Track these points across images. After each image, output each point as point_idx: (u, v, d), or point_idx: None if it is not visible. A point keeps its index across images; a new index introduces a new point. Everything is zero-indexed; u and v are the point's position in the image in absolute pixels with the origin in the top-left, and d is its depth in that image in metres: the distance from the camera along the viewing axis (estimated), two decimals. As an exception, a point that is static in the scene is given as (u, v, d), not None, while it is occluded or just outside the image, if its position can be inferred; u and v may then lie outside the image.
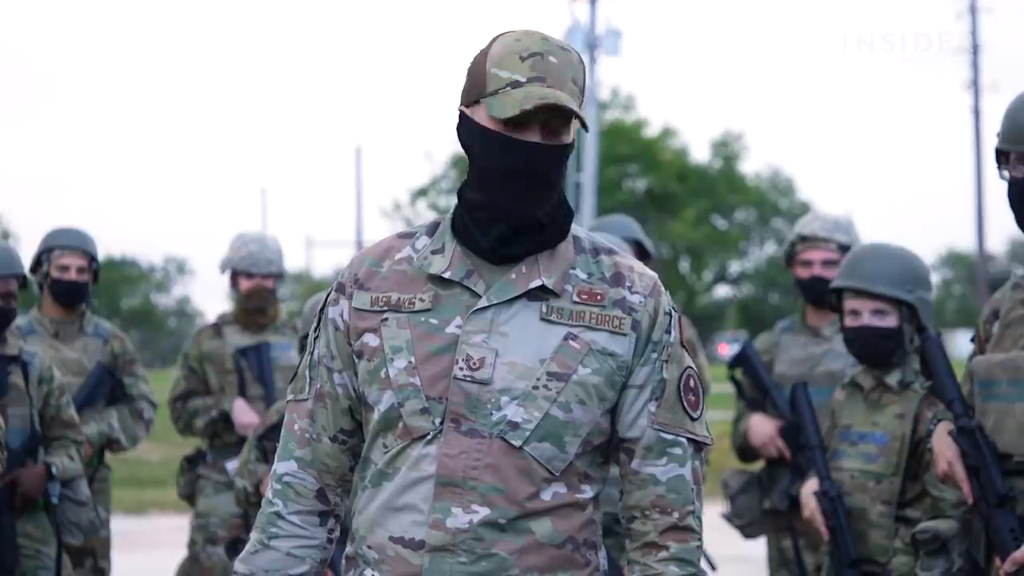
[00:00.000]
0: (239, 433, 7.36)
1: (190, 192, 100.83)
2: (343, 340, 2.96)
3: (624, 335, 2.91)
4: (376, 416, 2.91)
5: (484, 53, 2.92)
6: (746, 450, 6.44)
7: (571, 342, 2.88)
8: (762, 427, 6.31)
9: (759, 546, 6.76)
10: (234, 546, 5.98)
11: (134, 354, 7.36)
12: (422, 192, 50.30)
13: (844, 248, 6.24)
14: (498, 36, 2.94)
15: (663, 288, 2.98)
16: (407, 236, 3.01)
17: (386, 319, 2.92)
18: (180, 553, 7.95)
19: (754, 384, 6.42)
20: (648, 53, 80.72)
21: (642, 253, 6.81)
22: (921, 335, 4.89)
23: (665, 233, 46.03)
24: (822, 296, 6.27)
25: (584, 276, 2.93)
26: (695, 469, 2.95)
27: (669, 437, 2.92)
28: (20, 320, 6.81)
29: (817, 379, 6.18)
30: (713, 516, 7.54)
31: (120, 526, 8.43)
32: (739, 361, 6.46)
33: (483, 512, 2.85)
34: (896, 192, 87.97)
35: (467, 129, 2.93)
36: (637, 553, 2.93)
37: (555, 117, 2.88)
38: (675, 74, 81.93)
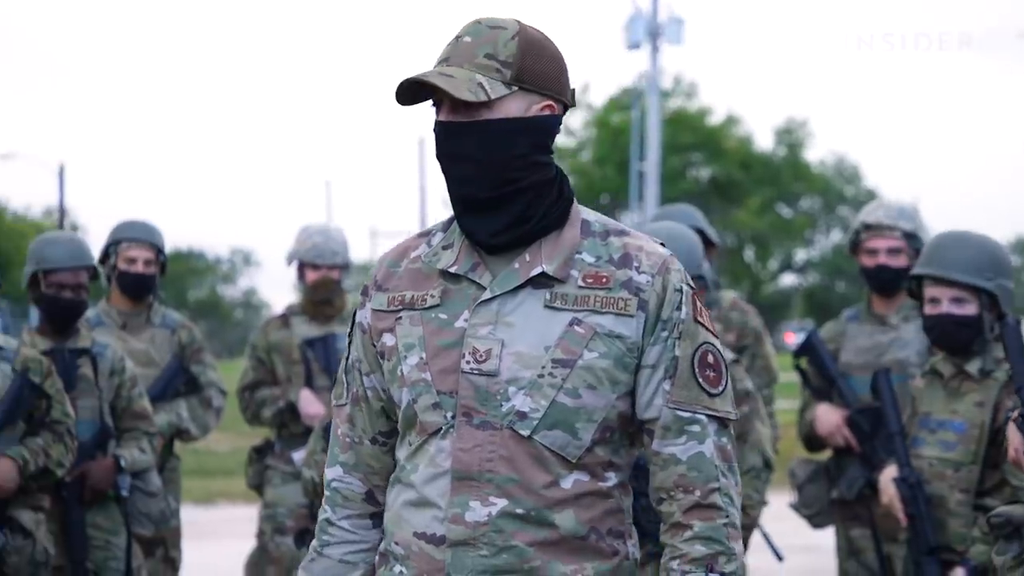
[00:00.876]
0: (305, 424, 7.40)
1: (256, 185, 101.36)
2: (368, 342, 3.00)
3: (631, 316, 2.87)
4: (400, 414, 2.95)
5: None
6: (813, 439, 6.42)
7: (576, 327, 2.86)
8: (828, 416, 6.29)
9: (829, 535, 6.75)
10: (302, 536, 6.02)
11: (202, 342, 7.42)
12: (485, 182, 50.28)
13: (909, 236, 6.21)
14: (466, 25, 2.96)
15: (675, 265, 2.93)
16: (424, 234, 3.02)
17: (400, 318, 2.94)
18: (249, 543, 8.00)
19: (820, 373, 6.40)
20: (711, 40, 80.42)
21: (705, 242, 6.80)
22: (1000, 322, 4.84)
23: (730, 222, 45.85)
24: (888, 284, 6.25)
25: (591, 260, 2.91)
26: (720, 445, 2.89)
27: (686, 415, 2.88)
28: (88, 312, 6.88)
29: (884, 367, 6.16)
30: (781, 505, 7.54)
31: (189, 516, 8.50)
32: (805, 350, 6.44)
33: (501, 504, 2.85)
34: (964, 179, 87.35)
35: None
36: (667, 535, 2.91)
37: (445, 92, 2.84)
38: (738, 61, 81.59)
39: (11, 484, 5.83)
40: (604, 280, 2.89)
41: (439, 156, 2.92)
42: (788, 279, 53.13)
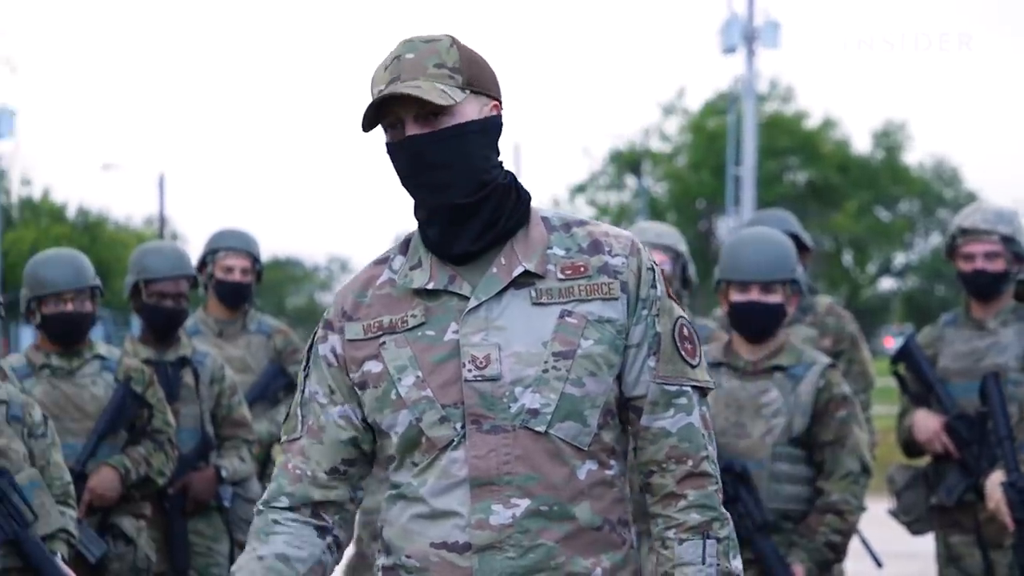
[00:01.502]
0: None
1: (353, 192, 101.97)
2: (339, 374, 3.00)
3: (616, 299, 2.95)
4: (395, 439, 2.96)
5: (376, 70, 2.98)
6: (911, 445, 6.37)
7: (567, 319, 2.92)
8: (927, 422, 6.23)
9: (929, 542, 6.69)
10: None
11: (298, 344, 7.47)
12: (580, 188, 50.32)
13: (1007, 240, 6.14)
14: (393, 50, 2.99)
15: (640, 244, 3.02)
16: (382, 261, 3.04)
17: (384, 343, 2.95)
18: (347, 549, 8.05)
19: (918, 379, 6.35)
20: (807, 43, 79.98)
21: (800, 247, 6.77)
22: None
23: (827, 226, 45.55)
24: (985, 289, 6.18)
25: (562, 252, 2.97)
26: (703, 415, 3.00)
27: (673, 388, 2.97)
28: (186, 321, 6.96)
29: (982, 373, 6.10)
30: (879, 512, 7.48)
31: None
32: (902, 356, 6.39)
33: (524, 503, 2.89)
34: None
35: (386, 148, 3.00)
36: (658, 506, 2.97)
37: (408, 108, 2.90)
38: (835, 64, 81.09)
39: (113, 493, 5.90)
40: (582, 269, 2.95)
41: (411, 172, 2.95)
42: (887, 283, 52.71)
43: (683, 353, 2.99)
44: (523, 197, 3.00)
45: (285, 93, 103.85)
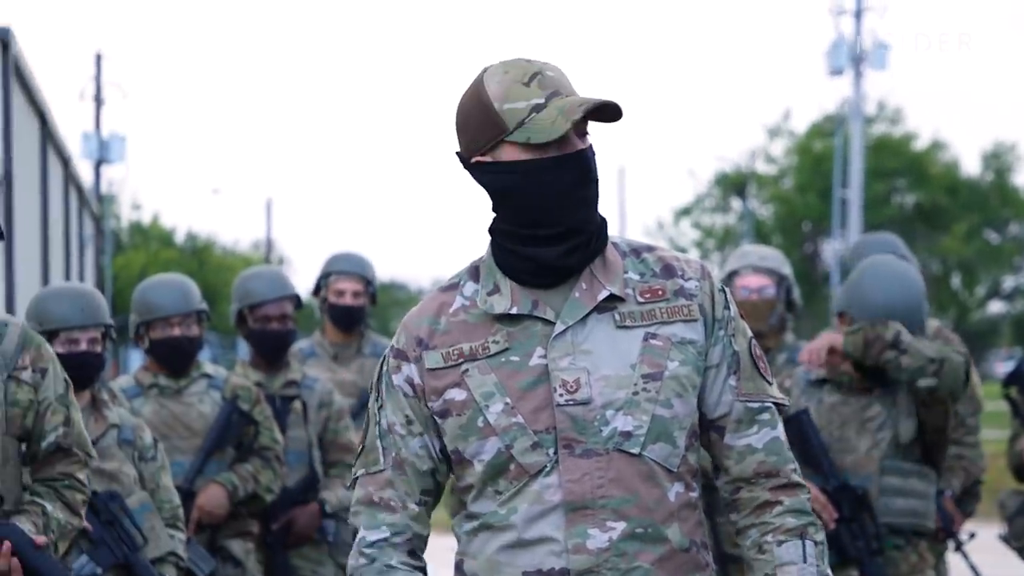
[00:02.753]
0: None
1: (456, 215, 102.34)
2: (417, 404, 2.96)
3: (696, 320, 2.97)
4: (479, 468, 2.93)
5: (478, 99, 2.92)
6: (1023, 470, 6.28)
7: (652, 341, 2.93)
8: None
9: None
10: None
11: None
12: (686, 211, 50.15)
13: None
14: (479, 80, 2.93)
15: (708, 268, 3.05)
16: (452, 288, 3.01)
17: (466, 370, 2.92)
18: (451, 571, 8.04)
19: None
20: (916, 65, 79.24)
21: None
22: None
23: (936, 249, 45.09)
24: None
25: (637, 277, 2.98)
26: (783, 430, 3.03)
27: (756, 405, 3.00)
28: (303, 343, 7.00)
29: None
30: (990, 537, 7.37)
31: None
32: (1015, 379, 6.30)
33: (620, 526, 2.89)
34: None
35: (494, 174, 2.92)
36: (752, 517, 2.98)
37: (582, 121, 2.90)
38: (944, 85, 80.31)
39: (221, 510, 5.94)
40: (660, 292, 2.96)
41: (573, 186, 2.90)
42: (996, 306, 52.04)
43: (761, 371, 3.03)
44: (604, 221, 3.01)
45: (391, 118, 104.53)
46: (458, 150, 2.96)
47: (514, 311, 2.93)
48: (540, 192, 2.90)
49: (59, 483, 4.21)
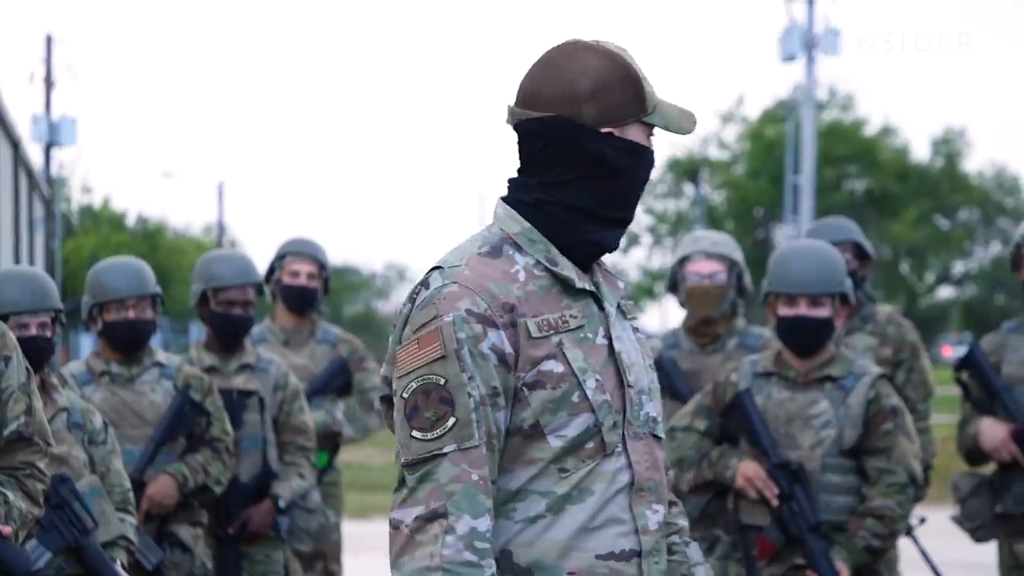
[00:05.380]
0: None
1: (409, 200, 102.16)
2: (506, 374, 2.80)
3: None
4: (557, 444, 2.82)
5: (625, 71, 2.87)
6: (975, 453, 6.32)
7: (639, 333, 3.01)
8: (994, 431, 6.18)
9: (990, 551, 6.63)
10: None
11: (364, 352, 7.49)
12: (638, 196, 50.19)
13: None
14: (616, 52, 2.89)
15: None
16: (496, 255, 2.88)
17: (560, 342, 2.83)
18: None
19: (983, 386, 6.30)
20: (866, 51, 79.51)
21: (861, 254, 6.73)
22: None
23: (885, 234, 45.31)
24: (1052, 297, 6.14)
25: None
26: None
27: None
28: (254, 329, 6.98)
29: None
30: (939, 521, 7.43)
31: (348, 530, 8.57)
32: (967, 363, 6.34)
33: (661, 509, 2.93)
34: None
35: (617, 150, 2.87)
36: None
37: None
38: (894, 71, 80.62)
39: (171, 500, 5.93)
40: (624, 287, 3.02)
41: (648, 178, 2.94)
42: (945, 292, 52.37)
43: None
44: None
45: (342, 102, 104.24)
46: (559, 114, 2.84)
47: (586, 286, 2.89)
48: (641, 178, 2.92)
49: (20, 472, 4.19)
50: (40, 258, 33.44)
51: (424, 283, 2.85)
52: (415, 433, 2.77)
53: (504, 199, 2.93)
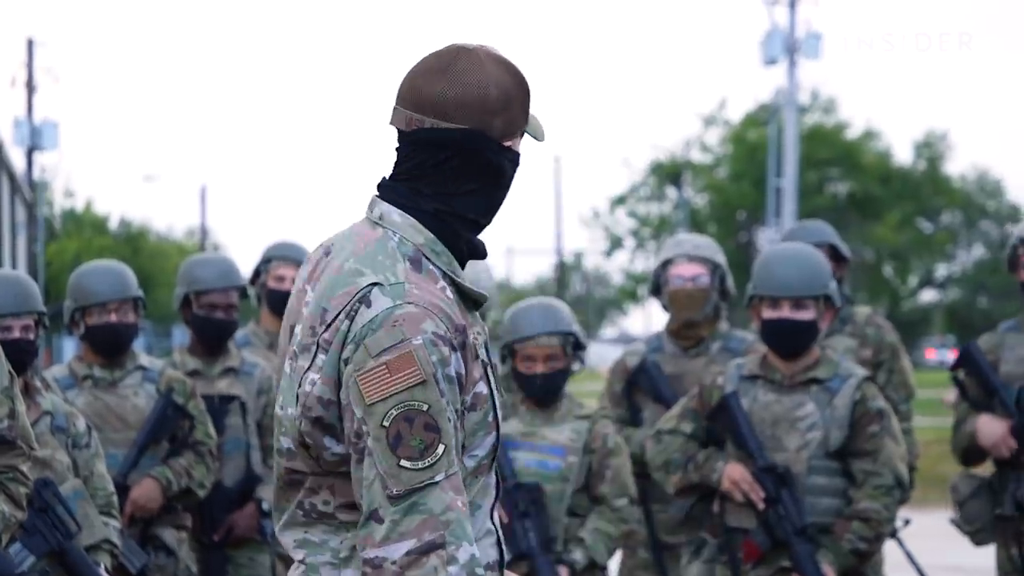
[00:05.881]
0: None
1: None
2: (460, 398, 2.75)
3: None
4: (471, 463, 2.80)
5: (520, 84, 2.85)
6: (972, 452, 6.30)
7: None
8: (992, 427, 6.16)
9: (981, 556, 6.63)
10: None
11: None
12: (621, 200, 50.24)
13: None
14: (511, 64, 2.86)
15: None
16: (418, 269, 2.80)
17: (485, 362, 2.82)
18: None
19: (980, 385, 6.28)
20: (848, 54, 79.69)
21: (837, 257, 6.74)
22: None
23: (868, 237, 45.39)
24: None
25: None
26: None
27: None
28: (238, 333, 6.97)
29: None
30: (926, 523, 7.44)
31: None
32: (963, 362, 6.32)
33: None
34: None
35: (508, 161, 2.85)
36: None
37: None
38: (876, 75, 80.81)
39: (154, 504, 5.91)
40: None
41: (509, 185, 2.89)
42: (928, 295, 52.48)
43: None
44: None
45: (325, 106, 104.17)
46: (471, 127, 2.80)
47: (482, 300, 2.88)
48: (507, 185, 2.88)
49: (3, 476, 4.19)
50: (23, 261, 33.37)
51: (363, 300, 2.73)
52: (404, 463, 2.66)
53: (393, 204, 2.83)
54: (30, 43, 37.85)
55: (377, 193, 2.87)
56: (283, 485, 2.84)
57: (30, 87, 37.32)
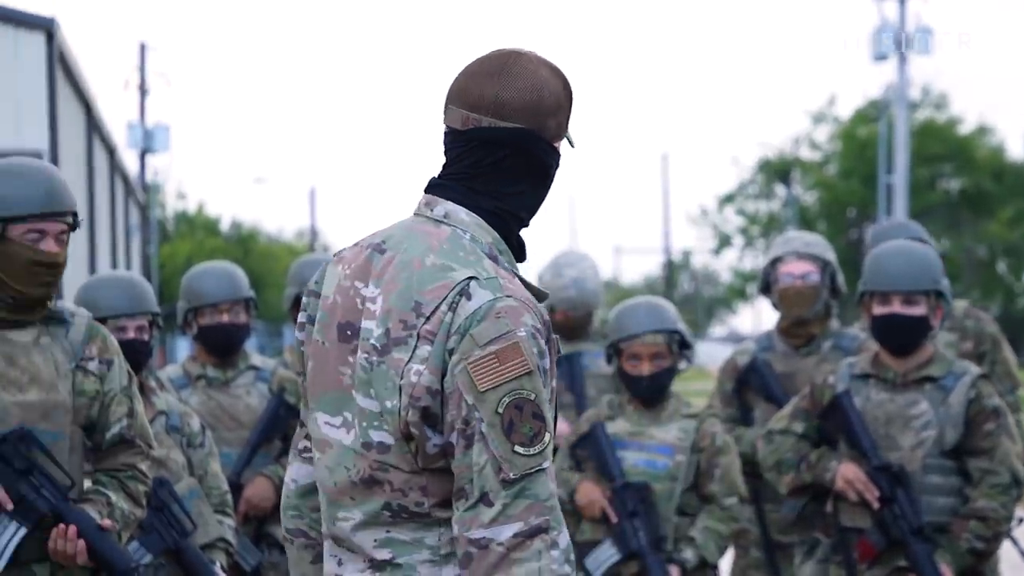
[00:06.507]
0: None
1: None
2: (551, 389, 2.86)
3: None
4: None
5: (565, 88, 2.94)
6: None
7: None
8: None
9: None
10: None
11: None
12: (729, 198, 50.01)
13: None
14: (558, 69, 2.94)
15: None
16: (498, 265, 2.89)
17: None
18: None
19: None
20: (960, 49, 78.70)
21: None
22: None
23: (981, 234, 44.84)
24: None
25: None
26: None
27: None
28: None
29: None
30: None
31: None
32: None
33: None
34: None
35: (557, 163, 2.95)
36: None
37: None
38: (989, 69, 79.75)
39: (268, 502, 5.96)
40: None
41: (551, 186, 2.98)
42: (1043, 292, 51.73)
43: None
44: None
45: (434, 107, 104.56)
46: (527, 126, 2.88)
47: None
48: (551, 187, 2.99)
49: (122, 474, 4.27)
50: (136, 263, 33.80)
51: (463, 293, 2.80)
52: (518, 448, 2.74)
53: (455, 202, 2.90)
54: (142, 47, 38.34)
55: (429, 192, 2.94)
56: (360, 481, 2.86)
57: (143, 91, 37.80)
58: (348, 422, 2.86)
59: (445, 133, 2.93)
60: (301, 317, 3.00)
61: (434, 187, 2.92)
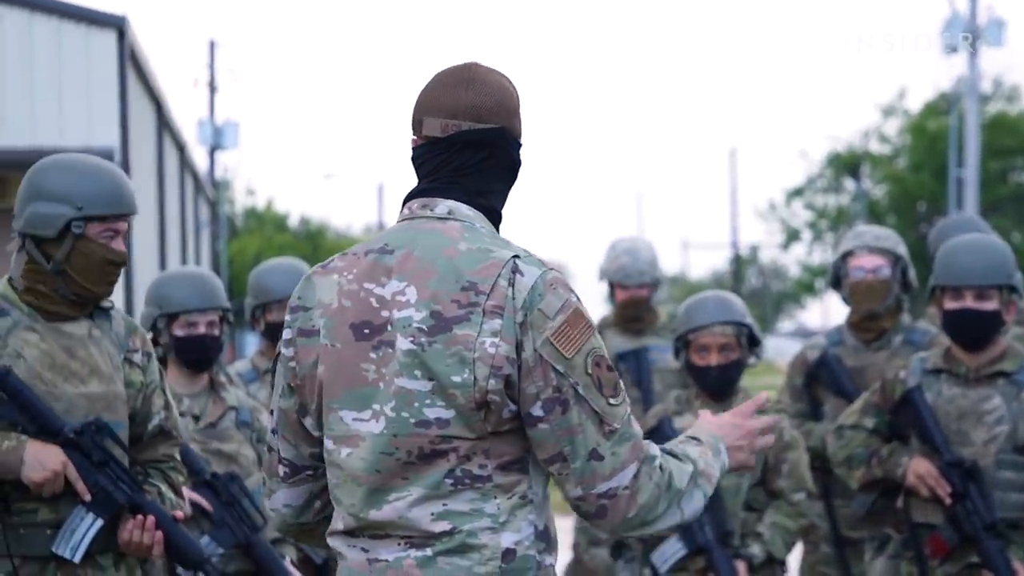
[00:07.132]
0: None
1: (567, 197, 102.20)
2: None
3: None
4: None
5: (516, 91, 3.17)
6: None
7: None
8: None
9: None
10: (618, 548, 6.04)
11: None
12: (798, 192, 49.77)
13: None
14: (503, 73, 3.16)
15: None
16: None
17: None
18: (565, 554, 8.05)
19: None
20: (1032, 42, 77.90)
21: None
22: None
23: (1053, 227, 44.41)
24: None
25: None
26: None
27: None
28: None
29: None
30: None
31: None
32: None
33: None
34: None
35: (517, 153, 3.15)
36: None
37: None
38: (1061, 62, 78.92)
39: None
40: None
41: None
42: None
43: None
44: None
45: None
46: (502, 126, 3.11)
47: None
48: (518, 173, 3.23)
49: (164, 465, 4.34)
50: (206, 259, 33.99)
51: (515, 270, 2.99)
52: (612, 400, 3.00)
53: (455, 199, 3.09)
54: (212, 45, 38.55)
55: (419, 197, 3.10)
56: (418, 458, 2.97)
57: (212, 88, 38.00)
58: (377, 412, 2.98)
59: (420, 145, 3.11)
60: (287, 333, 3.14)
61: (427, 191, 3.10)
